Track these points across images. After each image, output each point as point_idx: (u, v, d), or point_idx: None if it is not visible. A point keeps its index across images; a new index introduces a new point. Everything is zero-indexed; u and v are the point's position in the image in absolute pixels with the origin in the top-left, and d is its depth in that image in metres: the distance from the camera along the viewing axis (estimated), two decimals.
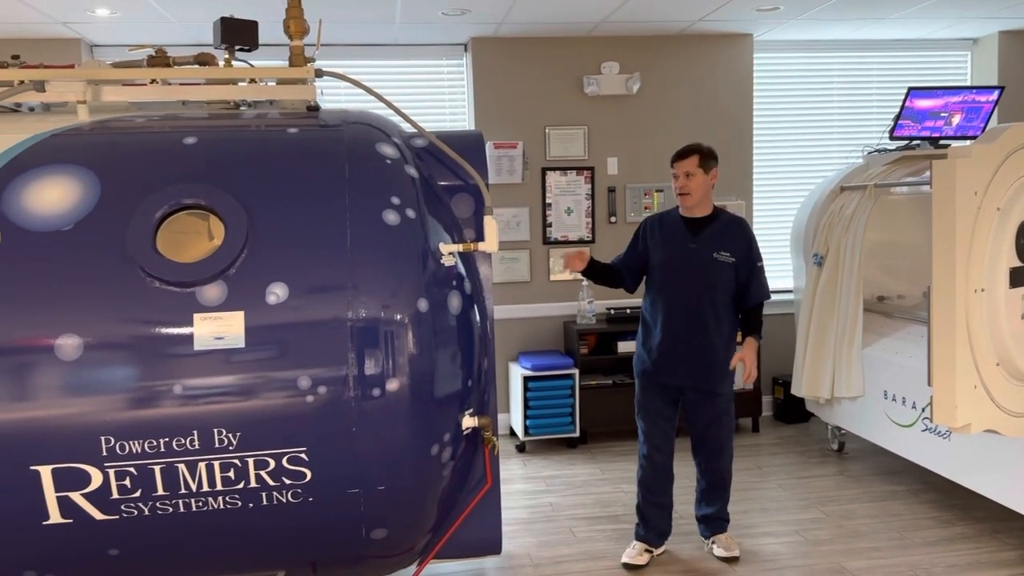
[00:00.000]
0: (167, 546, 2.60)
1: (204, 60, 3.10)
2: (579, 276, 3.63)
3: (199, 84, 3.05)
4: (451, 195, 3.03)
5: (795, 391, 4.97)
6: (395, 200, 2.73)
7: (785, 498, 4.29)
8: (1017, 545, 3.60)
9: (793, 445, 5.20)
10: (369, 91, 3.06)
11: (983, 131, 5.00)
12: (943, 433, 3.96)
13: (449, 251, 2.80)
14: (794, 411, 5.57)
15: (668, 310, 3.48)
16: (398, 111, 3.06)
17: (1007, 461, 3.53)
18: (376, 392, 2.57)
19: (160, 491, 2.49)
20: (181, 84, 3.05)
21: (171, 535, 2.57)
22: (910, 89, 4.73)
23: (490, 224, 2.84)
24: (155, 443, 2.45)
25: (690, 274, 3.44)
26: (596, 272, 3.62)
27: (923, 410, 4.13)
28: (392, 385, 2.59)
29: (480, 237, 2.98)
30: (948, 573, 3.39)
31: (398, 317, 2.61)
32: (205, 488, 2.52)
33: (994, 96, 4.88)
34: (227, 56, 3.15)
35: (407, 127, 3.13)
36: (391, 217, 2.69)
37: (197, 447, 2.48)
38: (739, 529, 3.84)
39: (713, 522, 3.66)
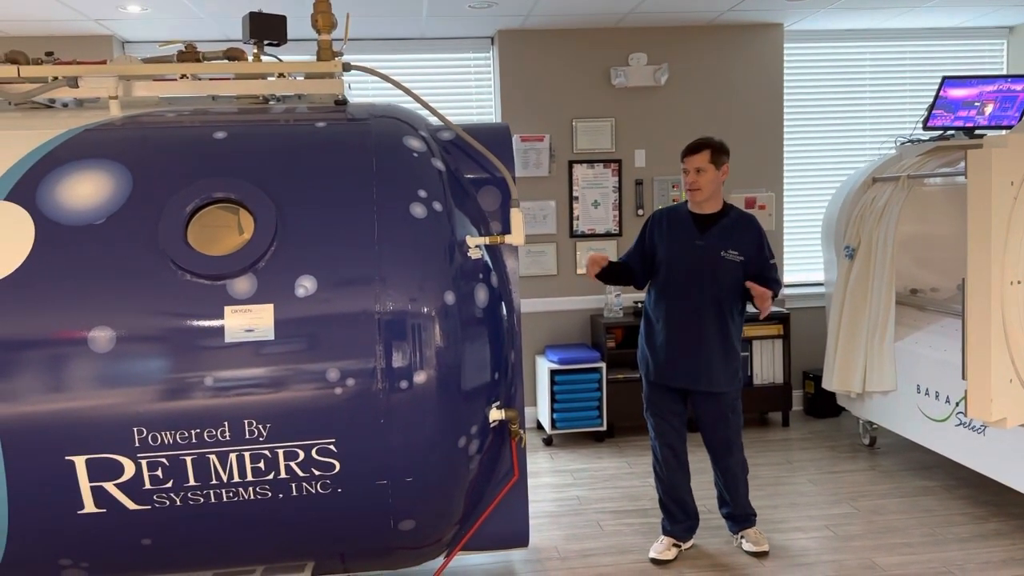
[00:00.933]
0: (198, 536, 2.64)
1: (233, 55, 3.12)
2: (597, 280, 3.57)
3: (228, 79, 3.08)
4: (478, 188, 3.04)
5: (826, 385, 4.92)
6: (422, 193, 2.74)
7: (815, 493, 4.25)
8: None
9: (824, 440, 5.14)
10: (396, 84, 3.07)
11: (1020, 120, 4.90)
12: (977, 428, 3.89)
13: (476, 244, 2.81)
14: (825, 405, 5.52)
15: (672, 308, 3.43)
16: (425, 104, 3.06)
17: None
18: (404, 384, 2.59)
19: (192, 481, 2.53)
20: (211, 79, 3.08)
21: (202, 525, 2.61)
22: (944, 78, 4.64)
23: (516, 217, 2.84)
24: (187, 434, 2.49)
25: (696, 272, 3.38)
26: (610, 274, 3.56)
27: (957, 404, 4.06)
28: (420, 377, 2.60)
29: (507, 230, 2.97)
30: (982, 570, 3.34)
31: (425, 310, 2.62)
32: (236, 479, 2.55)
33: None
34: (256, 51, 3.17)
35: (434, 120, 3.14)
36: (418, 210, 2.70)
37: (228, 438, 2.51)
38: (768, 524, 3.81)
39: (738, 518, 3.63)
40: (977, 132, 4.85)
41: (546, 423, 5.16)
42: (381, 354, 2.57)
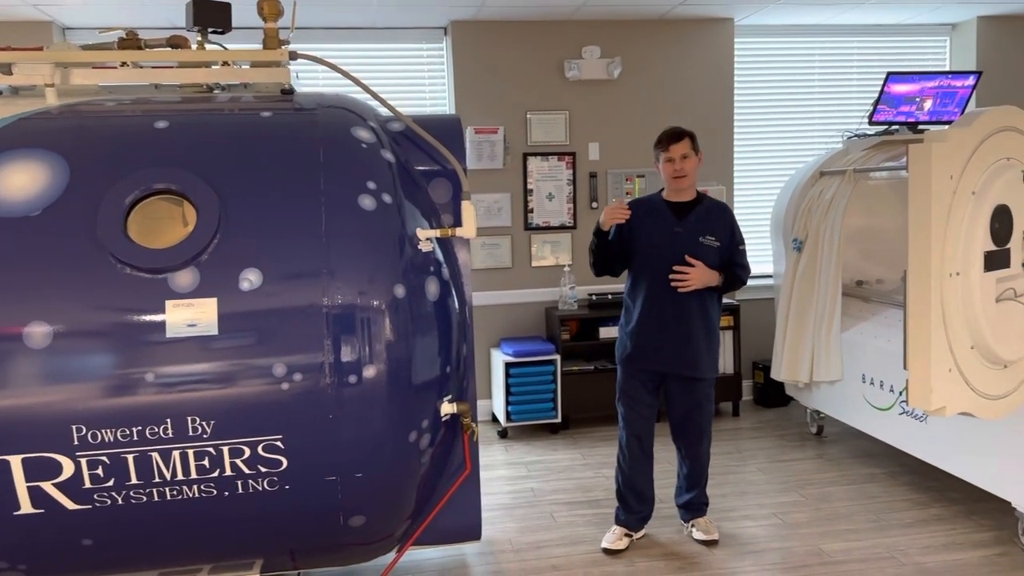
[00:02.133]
0: (142, 535, 2.58)
1: (176, 43, 3.05)
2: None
3: (171, 67, 3.00)
4: (428, 180, 3.01)
5: (775, 375, 5.00)
6: (371, 185, 2.70)
7: (764, 481, 4.32)
8: (991, 526, 3.63)
9: (772, 429, 5.23)
10: (345, 74, 3.03)
11: (960, 116, 5.02)
12: (920, 416, 3.99)
13: (427, 237, 2.78)
14: (774, 395, 5.60)
15: (652, 295, 3.45)
16: (374, 95, 3.02)
17: (982, 443, 3.56)
18: (353, 379, 2.55)
19: (134, 480, 2.46)
20: (153, 67, 3.00)
21: (145, 524, 2.55)
22: (888, 74, 4.73)
23: (468, 209, 2.82)
24: (128, 431, 2.43)
25: (676, 259, 3.40)
26: (607, 252, 3.52)
27: (900, 393, 4.15)
28: (369, 372, 2.57)
29: (458, 222, 2.95)
30: (924, 554, 3.42)
31: (375, 303, 2.59)
32: (180, 476, 2.50)
33: (971, 81, 4.89)
34: (200, 39, 3.10)
35: (384, 111, 3.10)
36: (367, 202, 2.66)
37: (171, 435, 2.45)
38: (718, 512, 3.86)
39: (693, 506, 3.69)
40: (920, 127, 4.95)
41: (501, 416, 5.15)
42: (329, 348, 2.54)
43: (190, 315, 2.46)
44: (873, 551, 3.47)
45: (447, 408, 2.83)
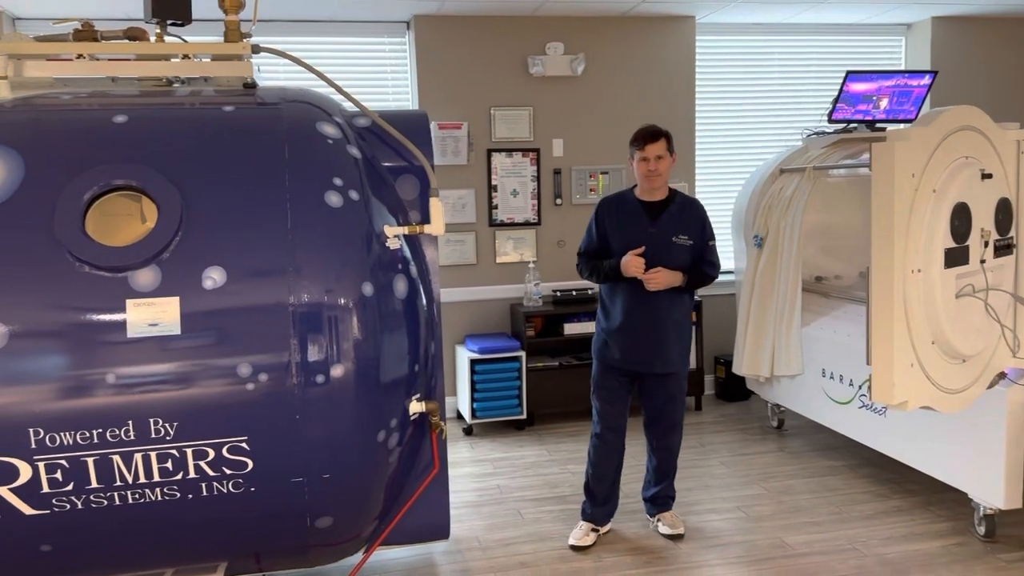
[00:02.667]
0: (102, 540, 2.51)
1: (134, 35, 2.97)
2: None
3: (129, 60, 2.93)
4: (395, 176, 2.98)
5: (736, 370, 5.04)
6: (337, 181, 2.66)
7: (727, 475, 4.36)
8: (949, 516, 3.72)
9: (734, 423, 5.28)
10: (308, 68, 2.98)
11: (917, 114, 5.12)
12: (879, 410, 4.06)
13: (394, 234, 2.75)
14: (735, 390, 5.67)
15: (628, 294, 3.47)
16: (339, 89, 2.98)
17: (939, 436, 3.64)
18: (320, 379, 2.52)
19: (94, 484, 2.40)
20: (110, 60, 2.92)
21: (106, 529, 2.49)
22: (848, 73, 4.80)
23: (436, 206, 2.79)
24: (87, 434, 2.36)
25: (649, 259, 3.41)
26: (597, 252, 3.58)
27: (860, 387, 4.23)
28: (337, 371, 2.54)
29: (425, 219, 2.93)
30: (885, 545, 3.49)
31: (342, 301, 2.56)
32: (142, 480, 2.44)
33: (926, 81, 4.99)
34: (159, 31, 3.02)
35: (349, 106, 3.06)
36: (333, 199, 2.63)
37: (132, 438, 2.40)
38: (683, 506, 3.89)
39: (660, 500, 3.71)
40: (877, 125, 5.04)
41: (466, 413, 5.14)
42: (296, 348, 2.50)
43: (151, 314, 2.40)
44: (835, 543, 3.53)
45: (416, 407, 2.81)
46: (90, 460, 2.38)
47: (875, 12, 5.68)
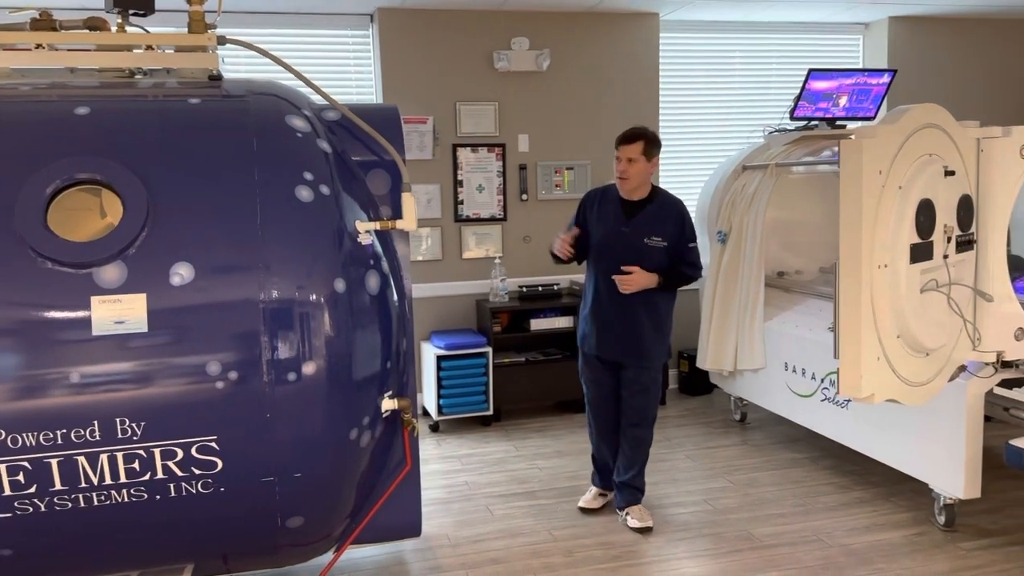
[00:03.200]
0: (66, 544, 2.45)
1: (95, 25, 2.89)
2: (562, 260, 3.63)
3: (89, 50, 2.84)
4: (366, 171, 2.94)
5: (700, 364, 5.10)
6: (308, 176, 2.62)
7: (693, 468, 4.41)
8: (910, 507, 3.80)
9: (698, 417, 5.34)
10: (276, 60, 2.93)
11: (876, 112, 5.21)
12: (841, 403, 4.13)
13: (366, 229, 2.72)
14: (698, 384, 5.73)
15: (600, 289, 3.58)
16: (308, 82, 2.94)
17: (900, 428, 3.71)
18: (292, 376, 2.48)
19: (58, 486, 2.34)
20: (69, 50, 2.84)
21: (71, 532, 2.42)
22: (810, 71, 4.87)
23: (408, 201, 2.77)
24: (51, 435, 2.30)
25: (620, 257, 3.48)
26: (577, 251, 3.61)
27: (822, 381, 4.29)
28: (308, 369, 2.50)
29: (397, 215, 2.90)
30: (849, 536, 3.55)
31: (313, 298, 2.52)
32: (108, 481, 2.38)
33: (885, 79, 5.08)
34: (120, 21, 2.95)
35: (317, 99, 3.01)
36: (304, 193, 2.59)
37: (98, 438, 2.34)
38: (650, 500, 3.92)
39: (629, 491, 3.74)
40: (838, 123, 5.12)
41: (432, 409, 5.11)
42: (266, 345, 2.46)
43: (117, 311, 2.34)
44: (801, 534, 3.58)
45: (388, 404, 2.78)
46: (54, 461, 2.31)
47: (834, 11, 5.77)
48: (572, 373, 5.27)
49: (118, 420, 2.35)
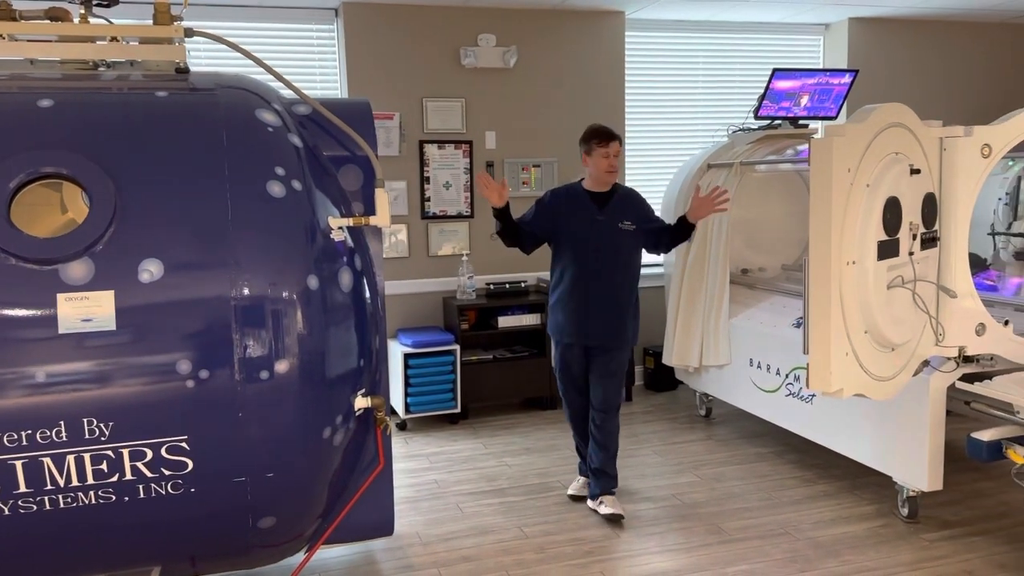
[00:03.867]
0: (30, 547, 2.38)
1: (56, 15, 2.81)
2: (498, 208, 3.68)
3: (50, 41, 2.76)
4: (337, 167, 2.91)
5: (666, 360, 5.14)
6: (279, 171, 2.58)
7: (660, 464, 4.44)
8: (873, 499, 3.87)
9: (664, 412, 5.38)
10: (246, 54, 2.88)
11: (838, 112, 5.30)
12: (806, 397, 4.20)
13: (339, 225, 2.69)
14: (664, 380, 5.77)
15: (580, 276, 3.72)
16: (278, 76, 2.89)
17: (864, 423, 3.78)
18: (264, 375, 2.44)
19: (22, 488, 2.28)
20: (30, 41, 2.76)
21: (35, 535, 2.36)
22: (774, 70, 4.93)
23: (382, 197, 2.74)
24: (15, 436, 2.24)
25: (599, 243, 3.71)
26: (507, 221, 3.70)
27: (786, 376, 4.36)
28: (281, 367, 2.47)
29: (369, 211, 2.87)
30: (815, 529, 3.61)
31: (285, 295, 2.49)
32: (74, 483, 2.32)
33: (847, 79, 5.17)
34: (83, 12, 2.87)
35: (287, 93, 2.97)
36: (275, 189, 2.55)
37: (64, 439, 2.28)
38: (620, 495, 3.93)
39: (603, 479, 3.79)
40: (800, 122, 5.20)
41: (399, 407, 5.07)
42: (238, 343, 2.42)
43: (85, 309, 2.28)
44: (768, 528, 3.63)
45: (361, 402, 2.76)
46: (18, 463, 2.25)
47: (795, 12, 5.85)
48: (540, 370, 5.30)
49: (85, 420, 2.29)
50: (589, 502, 3.83)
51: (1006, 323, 3.34)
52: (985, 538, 3.46)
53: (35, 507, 2.30)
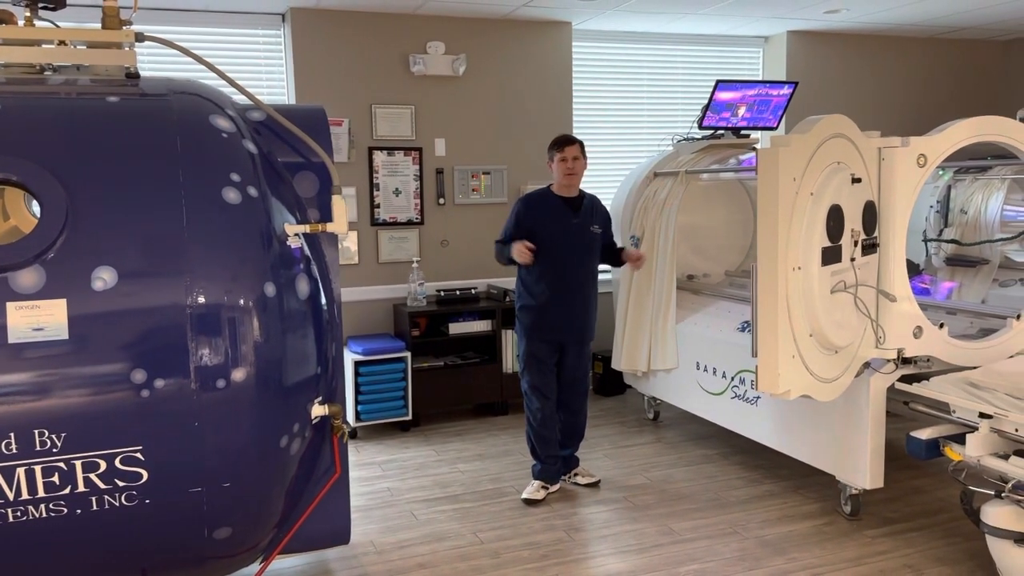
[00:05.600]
0: None
1: (1, 18, 2.74)
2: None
3: None
4: (292, 173, 2.89)
5: (615, 365, 5.22)
6: (235, 177, 2.57)
7: (611, 467, 4.50)
8: (818, 498, 3.99)
9: (613, 416, 5.45)
10: (199, 60, 2.85)
11: (778, 122, 5.46)
12: (751, 400, 4.31)
13: (295, 232, 2.68)
14: (613, 384, 5.85)
15: (559, 277, 3.93)
16: (232, 82, 2.87)
17: (807, 423, 3.90)
18: (220, 383, 2.42)
19: None
20: None
21: None
22: (718, 82, 5.06)
23: (339, 204, 2.74)
24: None
25: (575, 245, 3.96)
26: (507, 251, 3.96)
27: (732, 379, 4.46)
28: (238, 375, 2.45)
29: (325, 217, 2.87)
30: (762, 527, 3.70)
31: (242, 302, 2.47)
32: (24, 496, 2.27)
33: (786, 91, 5.33)
34: (28, 15, 2.81)
35: (240, 99, 2.94)
36: (231, 195, 2.53)
37: (15, 451, 2.23)
38: (572, 500, 3.99)
39: (571, 460, 4.23)
40: (743, 132, 5.34)
41: (350, 415, 5.04)
42: (194, 351, 2.39)
43: (35, 318, 2.23)
44: (718, 527, 3.71)
45: (318, 410, 2.75)
46: None
47: (737, 25, 6.02)
48: (491, 377, 5.33)
49: (36, 432, 2.24)
50: (563, 480, 4.19)
51: (941, 326, 3.49)
52: (923, 533, 3.60)
53: None
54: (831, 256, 3.01)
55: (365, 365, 4.98)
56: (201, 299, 2.41)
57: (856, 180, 3.10)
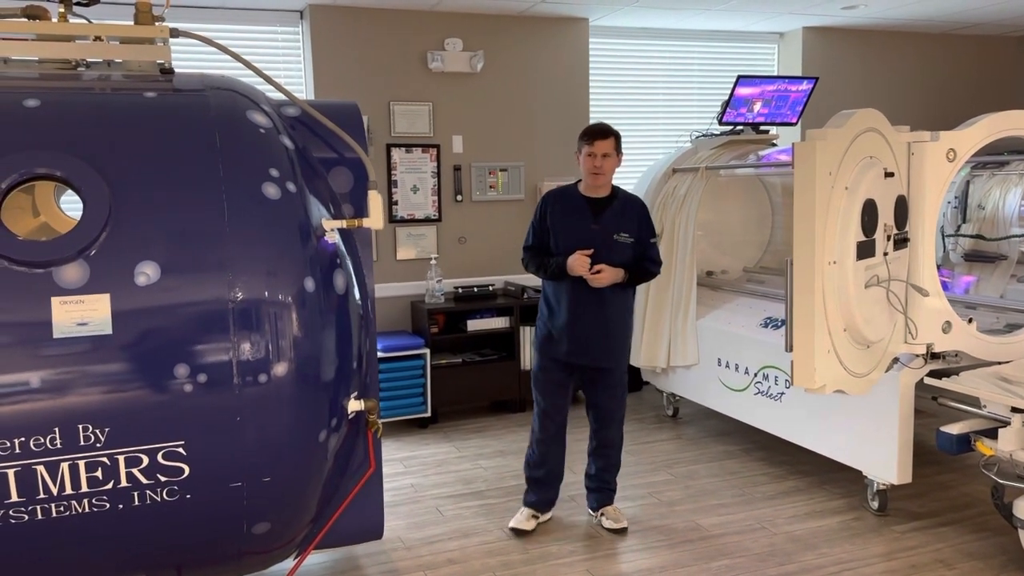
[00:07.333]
0: (21, 558, 2.31)
1: (34, 14, 2.74)
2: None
3: (27, 40, 2.69)
4: (327, 169, 2.89)
5: (634, 361, 5.20)
6: (274, 172, 2.56)
7: (634, 463, 4.50)
8: (843, 494, 3.99)
9: (632, 413, 5.41)
10: (236, 56, 2.85)
11: (798, 118, 5.46)
12: (775, 396, 4.30)
13: (332, 227, 2.68)
14: (630, 380, 5.78)
15: (572, 290, 3.46)
16: (268, 79, 2.87)
17: (834, 418, 3.89)
18: (262, 378, 2.42)
19: (14, 497, 2.21)
20: (5, 39, 2.68)
21: (26, 546, 2.29)
22: (739, 77, 5.05)
23: (375, 199, 2.74)
24: (8, 444, 2.17)
25: (593, 256, 3.41)
26: (540, 244, 3.58)
27: (755, 375, 4.46)
28: (279, 369, 2.44)
29: (359, 213, 2.86)
30: (790, 523, 3.70)
31: (283, 297, 2.47)
32: (68, 491, 2.27)
33: (806, 86, 5.33)
34: (61, 11, 2.80)
35: (276, 95, 2.94)
36: (271, 190, 2.53)
37: (59, 446, 2.22)
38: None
39: (601, 492, 3.75)
40: (762, 128, 5.33)
41: None
42: (235, 346, 2.39)
43: (80, 313, 2.23)
44: (745, 523, 3.71)
45: (354, 405, 2.74)
46: (10, 472, 2.18)
47: (753, 21, 6.01)
48: (509, 373, 5.33)
49: (80, 427, 2.24)
50: (591, 515, 3.78)
51: (970, 321, 3.49)
52: (952, 528, 3.60)
53: (27, 517, 2.24)
54: (865, 250, 3.01)
55: (384, 362, 4.97)
56: (242, 294, 2.41)
57: (889, 174, 3.10)
